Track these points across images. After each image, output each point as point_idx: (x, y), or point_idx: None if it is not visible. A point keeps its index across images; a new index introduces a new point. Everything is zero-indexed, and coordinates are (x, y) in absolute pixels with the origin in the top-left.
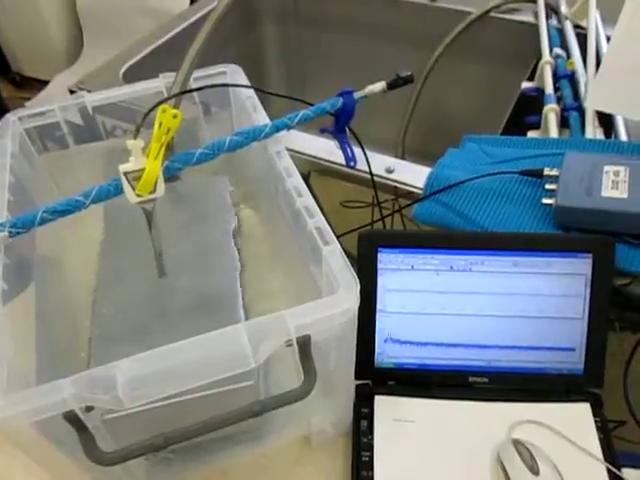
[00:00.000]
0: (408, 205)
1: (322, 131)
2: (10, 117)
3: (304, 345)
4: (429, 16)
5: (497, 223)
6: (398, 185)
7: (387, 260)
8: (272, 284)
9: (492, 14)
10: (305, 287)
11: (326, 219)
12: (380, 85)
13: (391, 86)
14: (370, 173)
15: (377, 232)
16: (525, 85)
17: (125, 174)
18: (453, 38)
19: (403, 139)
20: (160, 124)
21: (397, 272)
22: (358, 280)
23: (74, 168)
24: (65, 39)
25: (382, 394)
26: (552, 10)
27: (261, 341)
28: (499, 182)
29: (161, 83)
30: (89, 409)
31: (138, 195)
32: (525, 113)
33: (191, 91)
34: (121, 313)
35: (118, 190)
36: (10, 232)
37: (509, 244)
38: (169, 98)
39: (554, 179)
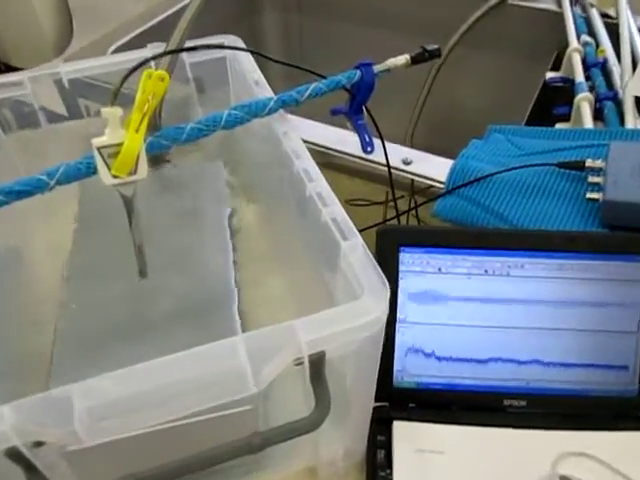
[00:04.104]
0: (429, 201)
1: (334, 112)
2: None
3: (317, 364)
4: (443, 3)
5: (532, 220)
6: (416, 179)
7: (410, 261)
8: (273, 287)
9: (511, 1)
10: (312, 291)
11: None
12: (403, 58)
13: (415, 60)
14: (387, 163)
15: (399, 228)
16: (550, 75)
17: (99, 149)
18: (469, 26)
19: (412, 134)
20: (144, 91)
21: (422, 275)
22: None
23: (47, 151)
24: (54, 28)
25: (402, 419)
26: None
27: (265, 359)
28: (533, 175)
29: (149, 54)
30: (39, 444)
31: (115, 176)
32: (549, 105)
33: (182, 51)
34: (92, 319)
35: (90, 169)
36: None
37: (553, 245)
38: (156, 57)
39: (598, 171)
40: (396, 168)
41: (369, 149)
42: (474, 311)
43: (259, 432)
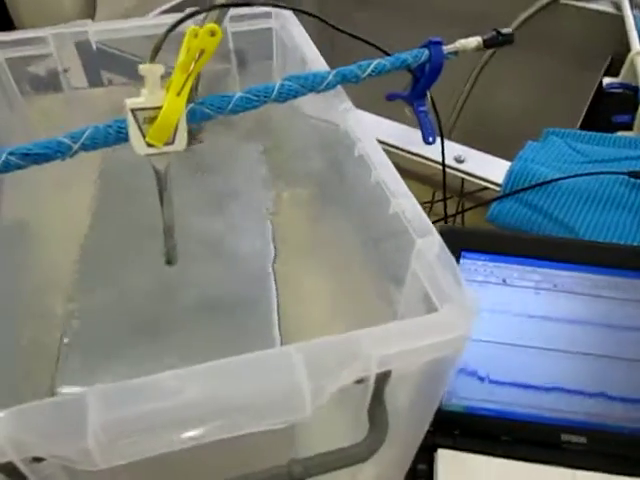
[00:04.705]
0: (481, 204)
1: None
2: None
3: (380, 384)
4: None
5: (600, 232)
6: (469, 178)
7: (472, 269)
8: (313, 286)
9: (563, 1)
10: (366, 296)
11: None
12: (475, 41)
13: (488, 43)
14: (443, 160)
15: (463, 230)
16: (607, 81)
17: (133, 111)
18: (517, 26)
19: (450, 134)
20: (188, 51)
21: (484, 286)
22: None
23: (68, 118)
24: None
25: (447, 447)
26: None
27: (325, 376)
28: (600, 184)
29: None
30: (39, 459)
31: (149, 145)
32: (605, 112)
33: (231, 6)
34: (107, 311)
35: (121, 135)
36: None
37: (635, 263)
38: (203, 11)
39: None
40: (449, 166)
41: (431, 139)
42: (538, 331)
43: (299, 460)
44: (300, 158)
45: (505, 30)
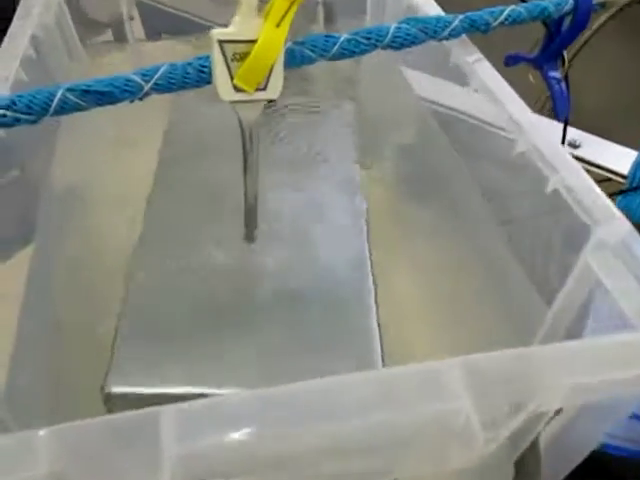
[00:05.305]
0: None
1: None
2: None
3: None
4: None
5: None
6: (587, 167)
7: None
8: (405, 285)
9: None
10: (478, 299)
11: None
12: None
13: None
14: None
15: None
16: None
17: (221, 43)
18: (619, 8)
19: None
20: None
21: None
22: None
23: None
24: None
25: None
26: None
27: (499, 409)
28: None
29: None
30: None
31: (237, 89)
32: None
33: None
34: (171, 299)
35: (203, 76)
36: (4, 116)
37: None
38: None
39: None
40: None
41: (565, 112)
42: None
43: None
44: (393, 125)
45: None
